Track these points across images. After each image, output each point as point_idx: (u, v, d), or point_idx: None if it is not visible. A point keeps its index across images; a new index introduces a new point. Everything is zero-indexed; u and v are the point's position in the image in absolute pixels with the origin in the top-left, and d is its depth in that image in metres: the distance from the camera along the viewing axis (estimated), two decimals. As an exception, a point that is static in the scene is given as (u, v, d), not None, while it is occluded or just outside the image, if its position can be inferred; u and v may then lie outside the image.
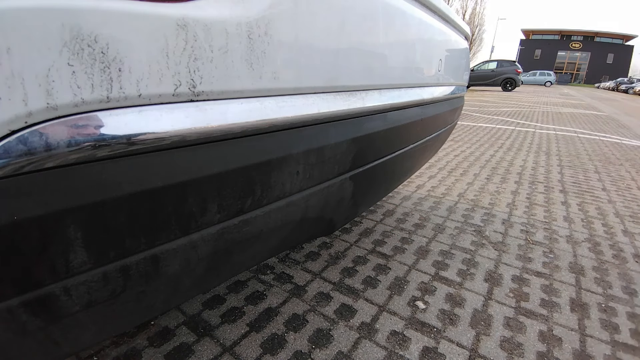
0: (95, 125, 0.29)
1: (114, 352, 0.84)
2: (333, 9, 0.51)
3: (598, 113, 7.81)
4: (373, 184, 0.80)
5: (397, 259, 1.31)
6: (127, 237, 0.33)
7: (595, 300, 1.10)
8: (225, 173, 0.40)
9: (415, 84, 0.87)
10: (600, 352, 0.90)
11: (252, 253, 0.55)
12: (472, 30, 29.99)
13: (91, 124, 0.29)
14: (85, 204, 0.29)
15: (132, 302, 0.39)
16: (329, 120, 0.54)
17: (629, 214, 1.86)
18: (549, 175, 2.58)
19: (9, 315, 0.28)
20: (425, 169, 2.56)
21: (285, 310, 1.01)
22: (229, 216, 0.43)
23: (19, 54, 0.24)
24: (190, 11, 0.33)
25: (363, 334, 0.93)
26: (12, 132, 0.25)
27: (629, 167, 2.94)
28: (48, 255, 0.28)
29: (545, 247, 1.45)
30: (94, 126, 0.29)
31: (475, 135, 4.12)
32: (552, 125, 5.48)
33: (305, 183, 0.53)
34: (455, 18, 1.14)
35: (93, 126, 0.29)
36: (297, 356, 0.85)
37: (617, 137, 4.52)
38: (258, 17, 0.39)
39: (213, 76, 0.36)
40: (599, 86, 36.61)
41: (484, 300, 1.09)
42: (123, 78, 0.29)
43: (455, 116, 1.42)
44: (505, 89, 15.06)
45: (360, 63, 0.60)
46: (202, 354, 0.85)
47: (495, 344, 0.91)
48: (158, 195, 0.34)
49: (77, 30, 0.26)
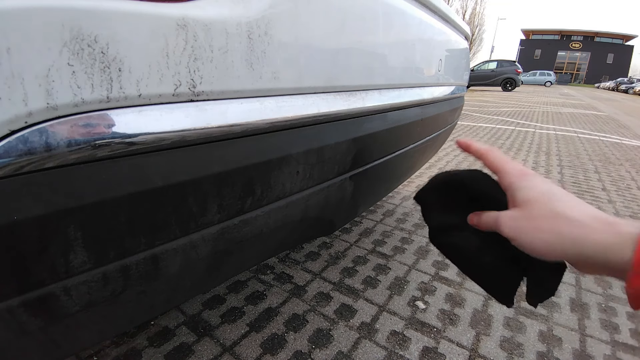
0: (95, 125, 0.29)
1: (114, 352, 0.84)
2: (333, 8, 0.51)
3: (598, 113, 7.81)
4: (373, 184, 0.80)
5: (397, 259, 1.31)
6: (127, 237, 0.33)
7: (595, 300, 1.10)
8: (225, 173, 0.40)
9: (415, 84, 0.87)
10: (600, 352, 0.90)
11: (252, 253, 0.55)
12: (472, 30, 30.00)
13: (91, 124, 0.29)
14: (85, 204, 0.29)
15: (132, 302, 0.39)
16: (329, 120, 0.54)
17: (629, 214, 1.86)
18: (549, 175, 2.58)
19: (9, 315, 0.28)
20: (425, 169, 2.56)
21: (285, 310, 1.01)
22: (229, 216, 0.43)
23: (19, 54, 0.24)
24: (190, 11, 0.33)
25: (363, 334, 0.93)
26: (12, 132, 0.25)
27: (629, 167, 2.94)
28: (48, 255, 0.28)
29: (545, 247, 1.45)
30: (94, 126, 0.29)
31: (475, 136, 4.12)
32: (552, 125, 5.48)
33: (305, 183, 0.53)
34: (455, 18, 1.14)
35: (93, 126, 0.29)
36: (297, 356, 0.85)
37: (617, 137, 4.52)
38: (258, 17, 0.39)
39: (213, 76, 0.36)
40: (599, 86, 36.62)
41: (484, 300, 1.09)
42: (123, 78, 0.29)
43: (455, 116, 1.42)
44: (505, 89, 15.06)
45: (360, 63, 0.60)
46: (202, 354, 0.85)
47: (495, 344, 0.91)
48: (158, 195, 0.34)
49: (77, 30, 0.26)
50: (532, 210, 0.35)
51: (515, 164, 0.41)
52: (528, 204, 0.35)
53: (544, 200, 0.35)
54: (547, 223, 0.33)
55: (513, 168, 0.40)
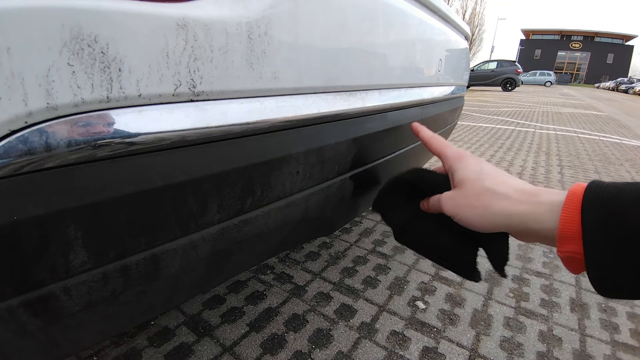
0: (95, 125, 0.29)
1: (114, 352, 0.84)
2: (333, 8, 0.51)
3: (598, 113, 7.81)
4: (373, 184, 0.80)
5: (397, 259, 1.31)
6: (127, 237, 0.33)
7: (595, 300, 1.10)
8: (225, 173, 0.40)
9: (415, 84, 0.87)
10: (600, 352, 0.90)
11: (252, 253, 0.55)
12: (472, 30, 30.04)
13: (91, 124, 0.28)
14: (85, 204, 0.29)
15: (132, 302, 0.39)
16: (329, 120, 0.54)
17: (629, 214, 1.86)
18: (549, 175, 2.58)
19: (9, 315, 0.28)
20: (425, 169, 2.55)
21: (285, 310, 1.01)
22: (229, 216, 0.43)
23: (19, 54, 0.24)
24: (190, 11, 0.33)
25: (363, 334, 0.93)
26: (12, 132, 0.25)
27: (629, 167, 2.94)
28: (48, 255, 0.28)
29: (545, 247, 1.45)
30: (94, 126, 0.29)
31: (475, 135, 4.12)
32: (552, 125, 5.48)
33: (305, 183, 0.53)
34: (455, 18, 1.14)
35: (93, 126, 0.29)
36: (297, 356, 0.85)
37: (617, 137, 4.52)
38: (258, 17, 0.39)
39: (213, 76, 0.36)
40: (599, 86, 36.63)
41: (484, 300, 1.09)
42: (123, 78, 0.29)
43: (455, 116, 1.42)
44: (505, 89, 15.06)
45: (360, 63, 0.60)
46: (202, 354, 0.85)
47: (495, 344, 0.91)
48: (158, 195, 0.34)
49: (77, 30, 0.26)
50: (467, 189, 0.38)
51: (453, 148, 0.45)
52: (463, 183, 0.38)
53: (476, 178, 0.37)
54: (478, 199, 0.36)
55: (451, 151, 0.44)
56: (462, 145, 3.52)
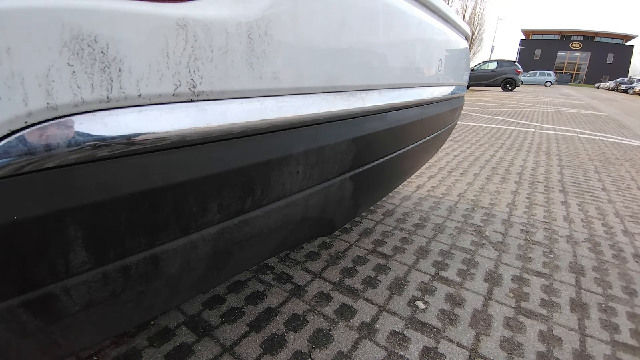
0: (95, 125, 0.29)
1: (114, 352, 0.84)
2: (333, 8, 0.51)
3: (598, 113, 7.81)
4: (373, 184, 0.80)
5: (397, 259, 1.31)
6: (127, 237, 0.33)
7: (595, 300, 1.10)
8: (225, 173, 0.40)
9: (415, 84, 0.87)
10: (600, 352, 0.90)
11: (252, 253, 0.55)
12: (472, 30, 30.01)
13: (91, 124, 0.28)
14: (85, 204, 0.29)
15: (132, 302, 0.39)
16: (329, 120, 0.54)
17: (629, 214, 1.86)
18: (549, 175, 2.58)
19: (9, 315, 0.28)
20: (425, 169, 2.56)
21: (285, 310, 1.01)
22: (229, 216, 0.43)
23: (19, 54, 0.24)
24: (190, 11, 0.33)
25: (363, 334, 0.93)
26: (12, 132, 0.25)
27: (629, 167, 2.94)
28: (48, 255, 0.28)
29: (545, 247, 1.45)
30: (94, 126, 0.29)
31: (475, 135, 4.12)
32: (552, 125, 5.48)
33: (305, 183, 0.53)
34: (455, 18, 1.14)
35: (93, 126, 0.29)
36: (297, 356, 0.85)
37: (617, 137, 4.52)
38: (258, 17, 0.39)
39: (213, 76, 0.36)
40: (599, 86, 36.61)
41: (484, 300, 1.09)
42: (123, 78, 0.29)
43: (455, 116, 1.42)
44: (505, 89, 15.06)
45: (360, 63, 0.60)
46: (202, 354, 0.85)
47: (495, 344, 0.91)
48: (158, 195, 0.34)
49: (77, 30, 0.26)
50: None
51: None
52: None
53: None
54: None
55: None
56: (462, 145, 3.52)
